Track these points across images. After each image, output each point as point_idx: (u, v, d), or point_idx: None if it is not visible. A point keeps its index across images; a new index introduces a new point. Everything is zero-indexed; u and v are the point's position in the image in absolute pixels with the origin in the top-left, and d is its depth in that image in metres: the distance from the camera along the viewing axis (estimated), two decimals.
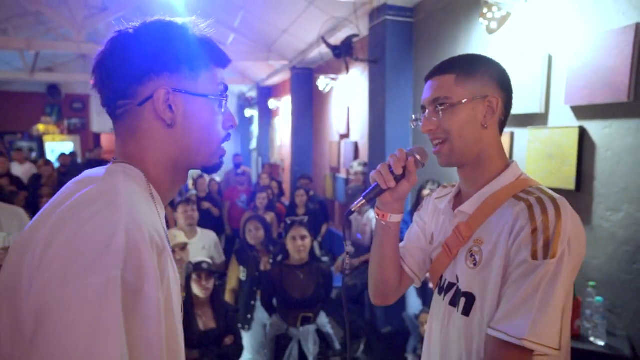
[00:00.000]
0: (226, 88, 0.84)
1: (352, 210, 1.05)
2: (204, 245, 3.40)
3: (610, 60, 2.18)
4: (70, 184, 0.72)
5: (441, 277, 1.12)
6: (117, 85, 0.75)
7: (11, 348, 0.58)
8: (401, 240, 1.23)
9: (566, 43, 2.45)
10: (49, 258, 0.58)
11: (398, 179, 1.04)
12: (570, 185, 2.39)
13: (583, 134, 2.36)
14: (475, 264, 1.00)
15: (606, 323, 2.05)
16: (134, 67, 0.74)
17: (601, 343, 2.01)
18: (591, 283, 2.17)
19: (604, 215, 2.28)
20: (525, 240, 0.90)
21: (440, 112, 1.01)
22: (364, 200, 1.05)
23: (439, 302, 1.11)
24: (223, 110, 0.82)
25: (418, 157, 1.05)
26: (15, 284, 0.60)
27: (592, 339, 2.04)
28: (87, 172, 0.75)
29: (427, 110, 1.05)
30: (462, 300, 1.01)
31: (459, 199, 1.12)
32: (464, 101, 0.99)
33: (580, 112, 2.39)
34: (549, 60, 2.57)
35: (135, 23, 0.78)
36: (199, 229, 3.47)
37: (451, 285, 1.07)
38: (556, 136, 2.49)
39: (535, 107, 2.62)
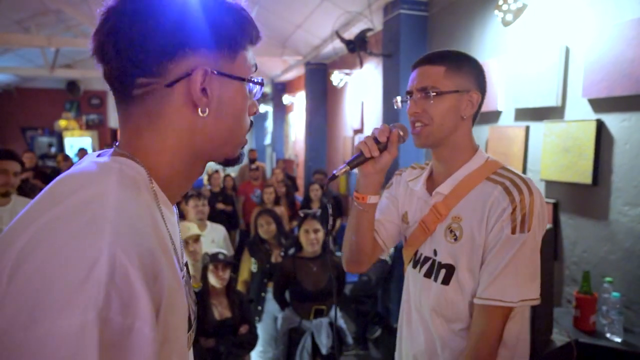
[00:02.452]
0: (256, 68, 0.71)
1: (336, 175, 1.09)
2: (212, 239, 3.44)
3: (630, 51, 2.13)
4: (54, 182, 0.58)
5: (416, 253, 1.26)
6: (140, 59, 0.58)
7: None
8: None
9: (583, 34, 2.40)
10: (12, 290, 0.46)
11: (381, 150, 1.12)
12: (587, 179, 2.35)
13: (601, 127, 2.31)
14: (455, 239, 1.14)
15: (623, 319, 2.01)
16: (165, 38, 0.58)
17: (618, 339, 1.98)
18: (608, 279, 2.13)
19: (621, 210, 2.23)
20: (506, 219, 1.05)
21: (432, 99, 1.12)
22: (348, 167, 1.10)
23: (414, 274, 1.26)
24: (254, 95, 0.70)
25: (401, 132, 1.14)
26: None
27: (608, 335, 2.01)
28: (75, 168, 0.60)
29: (414, 95, 1.16)
30: (442, 272, 1.16)
31: (431, 181, 1.25)
32: (451, 92, 1.11)
33: (598, 104, 2.35)
34: (566, 53, 2.53)
35: None
36: (208, 223, 3.51)
37: (427, 259, 1.22)
38: (573, 129, 2.44)
39: (552, 101, 2.57)
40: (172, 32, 0.59)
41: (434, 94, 1.11)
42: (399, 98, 1.22)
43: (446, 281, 1.15)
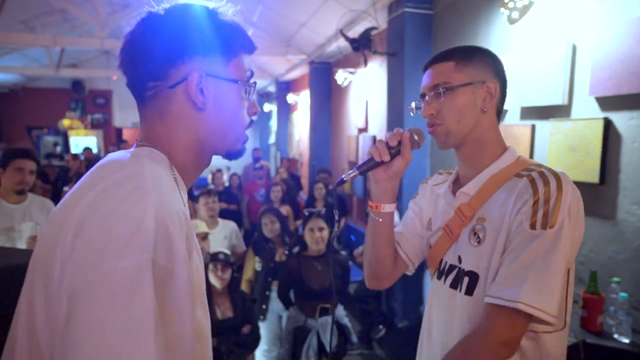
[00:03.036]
0: (252, 74, 0.84)
1: (345, 180, 1.04)
2: (225, 235, 3.45)
3: (637, 48, 2.11)
4: (96, 167, 0.71)
5: (441, 262, 1.13)
6: (149, 67, 0.74)
7: (48, 333, 0.58)
8: None
9: (590, 32, 2.38)
10: (80, 241, 0.58)
11: (393, 155, 1.06)
12: (594, 178, 2.33)
13: (608, 125, 2.29)
14: (479, 242, 1.02)
15: (631, 320, 1.99)
16: (166, 49, 0.73)
17: (626, 340, 1.96)
18: (615, 279, 2.11)
19: (629, 209, 2.21)
20: (526, 211, 0.93)
21: (442, 96, 1.04)
22: (357, 172, 1.05)
23: (440, 286, 1.12)
24: (249, 97, 0.83)
25: (415, 136, 1.07)
26: (48, 267, 0.60)
27: (616, 335, 1.99)
28: (112, 156, 0.73)
29: (427, 97, 1.08)
30: (465, 280, 1.03)
31: (457, 183, 1.14)
32: (464, 85, 1.03)
33: (605, 103, 2.32)
34: (573, 50, 2.50)
35: (164, 5, 0.77)
36: (220, 220, 3.51)
37: (452, 267, 1.08)
38: (579, 128, 2.42)
39: (558, 99, 2.55)
40: (171, 44, 0.74)
41: (444, 89, 1.03)
42: (413, 104, 1.13)
43: (469, 291, 1.01)
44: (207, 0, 0.80)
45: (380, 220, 1.14)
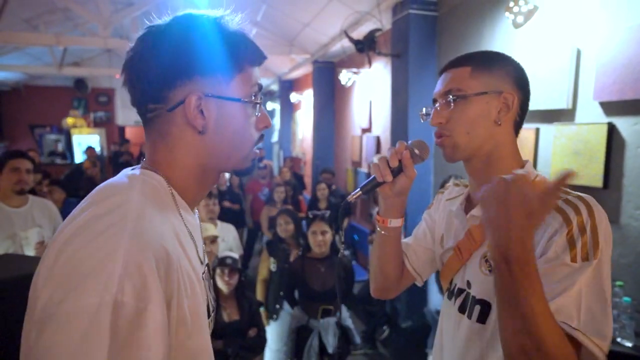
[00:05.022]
0: (260, 88, 0.79)
1: (349, 200, 1.02)
2: (223, 238, 3.46)
3: None
4: (96, 190, 0.71)
5: (451, 281, 1.09)
6: (147, 89, 0.71)
7: (25, 339, 0.60)
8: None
9: (595, 37, 2.39)
10: (55, 271, 0.59)
11: (395, 173, 1.01)
12: (598, 182, 2.35)
13: (612, 130, 2.31)
14: (491, 270, 0.95)
15: (634, 324, 2.02)
16: (163, 71, 0.70)
17: (629, 344, 1.98)
18: (619, 283, 2.13)
19: (632, 213, 2.23)
20: (562, 243, 0.82)
21: (452, 104, 0.96)
22: (361, 192, 1.01)
23: (450, 307, 1.08)
24: (257, 113, 0.78)
25: (416, 151, 1.01)
26: (35, 282, 0.62)
27: (619, 339, 2.01)
28: (112, 180, 0.73)
29: (437, 103, 1.00)
30: (477, 308, 0.97)
31: (469, 201, 1.08)
32: (478, 94, 0.95)
33: (610, 107, 2.34)
34: (577, 55, 2.51)
35: (165, 18, 0.73)
36: (218, 222, 3.53)
37: (460, 290, 1.04)
38: (583, 132, 2.44)
39: (562, 103, 2.57)
40: (168, 66, 0.70)
41: (455, 97, 0.95)
42: (424, 109, 1.05)
43: (482, 320, 0.96)
44: (212, 7, 0.76)
45: (387, 234, 1.12)
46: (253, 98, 0.77)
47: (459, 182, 1.21)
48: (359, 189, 1.02)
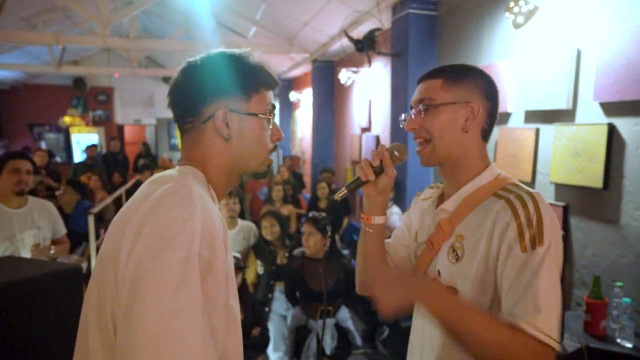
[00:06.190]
0: (274, 107, 0.98)
1: (336, 199, 1.12)
2: (244, 236, 3.46)
3: None
4: (144, 185, 0.89)
5: (425, 273, 1.18)
6: (186, 106, 0.93)
7: (111, 305, 0.76)
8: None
9: (595, 37, 2.39)
10: (141, 238, 0.75)
11: (377, 173, 1.11)
12: (598, 183, 2.35)
13: (612, 131, 2.31)
14: (457, 259, 1.06)
15: (634, 325, 2.02)
16: (199, 92, 0.91)
17: (628, 345, 1.98)
18: (618, 283, 2.13)
19: (632, 214, 2.23)
20: (513, 236, 0.95)
21: (423, 112, 1.08)
22: (346, 190, 1.10)
23: None
24: (271, 126, 0.98)
25: (396, 153, 1.12)
26: (116, 258, 0.76)
27: (619, 340, 2.02)
28: (160, 175, 0.91)
29: (412, 110, 1.12)
30: None
31: (441, 199, 1.19)
32: (447, 104, 1.06)
33: (610, 108, 2.34)
34: (578, 55, 2.52)
35: (202, 55, 0.95)
36: (239, 221, 3.52)
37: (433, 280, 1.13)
38: (583, 133, 2.44)
39: (562, 104, 2.57)
40: (203, 88, 0.92)
41: (426, 107, 1.07)
42: (403, 116, 1.17)
43: None
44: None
45: (371, 231, 1.19)
46: (268, 114, 0.96)
47: (433, 185, 1.31)
48: (344, 188, 1.11)
